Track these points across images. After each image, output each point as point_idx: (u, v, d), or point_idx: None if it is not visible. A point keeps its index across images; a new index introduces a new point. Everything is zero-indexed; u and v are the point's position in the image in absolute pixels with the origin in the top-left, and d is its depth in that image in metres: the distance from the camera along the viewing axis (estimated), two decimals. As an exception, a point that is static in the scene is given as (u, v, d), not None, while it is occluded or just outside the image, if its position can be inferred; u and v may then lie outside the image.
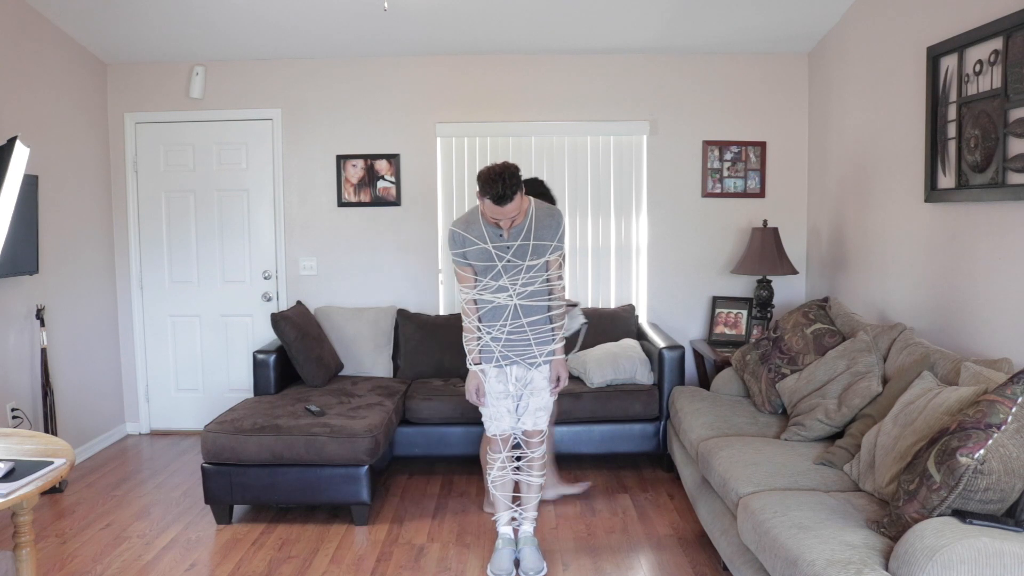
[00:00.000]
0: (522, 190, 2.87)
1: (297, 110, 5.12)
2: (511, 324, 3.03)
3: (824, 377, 3.39)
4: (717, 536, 2.96)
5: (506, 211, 2.84)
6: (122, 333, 5.25)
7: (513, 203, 2.82)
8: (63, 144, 4.63)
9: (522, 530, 3.26)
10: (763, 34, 4.75)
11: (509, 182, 2.79)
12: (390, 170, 5.11)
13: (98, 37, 4.73)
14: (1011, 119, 2.94)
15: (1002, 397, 2.16)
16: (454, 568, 3.26)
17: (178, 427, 5.33)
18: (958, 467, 2.08)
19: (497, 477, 3.21)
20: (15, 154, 2.62)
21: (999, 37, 2.99)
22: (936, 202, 3.49)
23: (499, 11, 4.43)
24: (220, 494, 3.66)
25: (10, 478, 2.24)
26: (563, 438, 4.25)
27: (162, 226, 5.21)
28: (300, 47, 4.91)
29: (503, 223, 2.89)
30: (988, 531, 1.97)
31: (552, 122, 5.05)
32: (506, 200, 2.80)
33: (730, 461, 2.98)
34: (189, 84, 5.06)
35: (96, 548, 3.47)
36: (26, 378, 4.26)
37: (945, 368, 2.88)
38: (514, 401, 3.13)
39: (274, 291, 5.21)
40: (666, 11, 4.44)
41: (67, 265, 4.66)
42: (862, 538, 2.21)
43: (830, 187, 4.75)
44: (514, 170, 2.83)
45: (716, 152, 5.10)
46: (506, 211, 2.84)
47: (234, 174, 5.18)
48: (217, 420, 3.75)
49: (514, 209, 2.84)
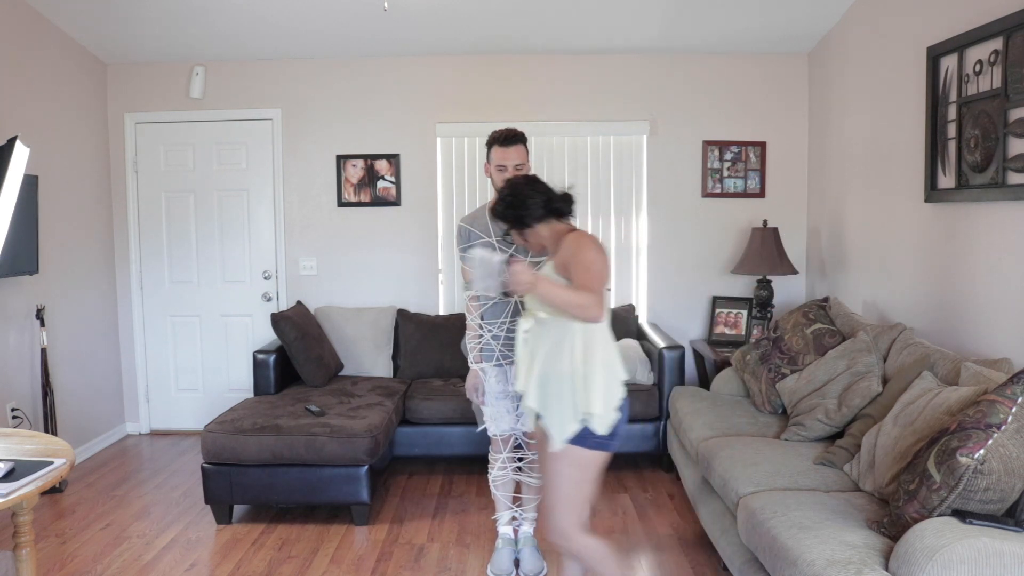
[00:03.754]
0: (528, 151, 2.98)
1: (297, 110, 5.12)
2: (512, 322, 3.03)
3: (824, 377, 3.38)
4: (717, 536, 2.96)
5: (511, 155, 2.93)
6: (122, 333, 5.25)
7: (517, 149, 2.94)
8: (63, 144, 4.63)
9: (522, 530, 3.26)
10: (763, 34, 4.75)
11: (518, 133, 2.97)
12: (390, 170, 5.11)
13: (98, 37, 4.73)
14: (1011, 119, 2.94)
15: (1002, 397, 2.16)
16: (454, 568, 3.26)
17: (178, 427, 5.33)
18: (958, 467, 2.08)
19: (498, 477, 3.21)
20: (15, 154, 2.62)
21: (999, 37, 2.99)
22: (936, 202, 3.49)
23: (499, 11, 4.43)
24: (220, 494, 3.66)
25: (10, 478, 2.24)
26: (563, 438, 4.24)
27: (162, 226, 5.21)
28: (300, 47, 4.91)
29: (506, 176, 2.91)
30: (988, 531, 1.97)
31: (552, 122, 5.05)
32: (511, 142, 2.93)
33: (730, 461, 2.98)
34: (189, 84, 5.06)
35: (96, 548, 3.47)
36: (26, 378, 4.26)
37: (945, 368, 2.88)
38: (514, 401, 3.13)
39: (274, 291, 5.21)
40: (666, 11, 4.44)
41: (67, 265, 4.66)
42: (862, 538, 2.21)
43: (830, 187, 4.75)
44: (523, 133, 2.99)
45: (716, 152, 5.10)
46: (511, 155, 2.93)
47: (234, 174, 5.18)
48: (217, 420, 3.75)
49: (518, 156, 2.94)
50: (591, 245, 2.32)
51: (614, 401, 2.32)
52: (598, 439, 2.32)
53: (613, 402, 2.32)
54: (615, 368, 2.36)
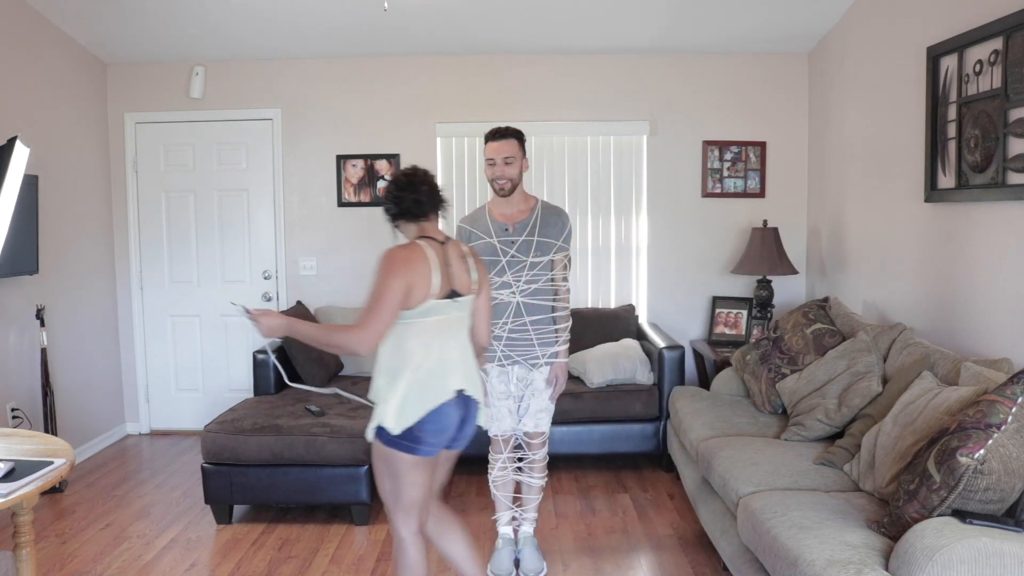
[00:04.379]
0: (522, 148, 3.02)
1: (297, 110, 5.11)
2: (513, 322, 3.03)
3: (824, 377, 3.38)
4: (717, 536, 2.96)
5: (499, 148, 2.98)
6: (122, 333, 5.25)
7: (506, 143, 2.97)
8: (63, 144, 4.63)
9: (522, 530, 3.26)
10: (763, 34, 4.74)
11: (515, 130, 3.03)
12: (390, 170, 5.11)
13: (98, 37, 4.73)
14: (1011, 119, 2.94)
15: (1002, 397, 2.16)
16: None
17: (178, 427, 5.32)
18: (958, 467, 2.08)
19: (498, 477, 3.21)
20: (15, 154, 2.62)
21: (999, 37, 2.98)
22: (936, 202, 3.49)
23: (499, 11, 4.43)
24: (220, 494, 3.66)
25: (10, 478, 2.24)
26: (563, 438, 4.25)
27: (162, 226, 5.20)
28: (300, 47, 4.90)
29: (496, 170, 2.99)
30: (988, 531, 1.96)
31: (552, 122, 5.05)
32: (501, 136, 2.98)
33: (730, 461, 2.98)
34: (189, 84, 5.06)
35: (96, 548, 3.47)
36: (26, 378, 4.26)
37: (945, 368, 2.88)
38: (515, 402, 3.13)
39: (274, 291, 5.21)
40: (666, 11, 4.44)
41: (67, 265, 4.66)
42: (862, 538, 2.21)
43: (830, 187, 4.75)
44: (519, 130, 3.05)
45: (716, 152, 5.10)
46: (499, 148, 2.98)
47: (234, 174, 5.18)
48: (217, 420, 3.75)
49: (507, 149, 2.97)
50: (384, 266, 2.29)
51: (409, 408, 2.29)
52: (392, 438, 2.31)
53: (407, 408, 2.29)
54: (416, 377, 2.31)
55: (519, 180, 3.04)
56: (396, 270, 2.28)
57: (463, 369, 2.40)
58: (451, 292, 2.39)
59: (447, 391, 2.34)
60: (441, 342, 2.36)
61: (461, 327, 2.46)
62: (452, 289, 2.39)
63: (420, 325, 2.33)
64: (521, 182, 3.06)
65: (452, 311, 2.40)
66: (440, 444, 2.38)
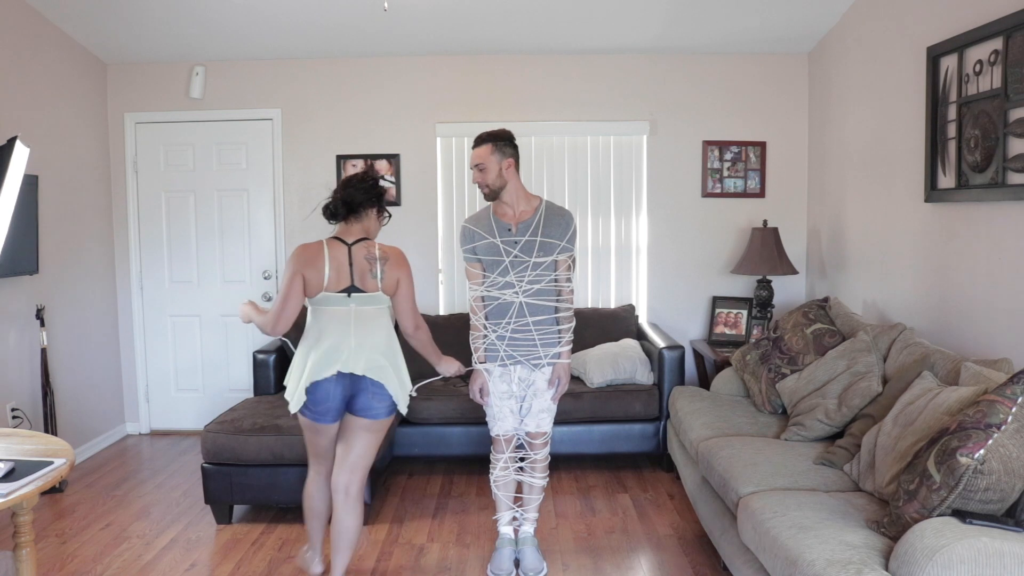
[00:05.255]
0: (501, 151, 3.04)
1: (297, 110, 5.11)
2: (516, 322, 3.03)
3: (824, 377, 3.39)
4: (717, 536, 2.96)
5: (473, 155, 3.04)
6: (122, 333, 5.25)
7: (480, 149, 3.02)
8: (63, 144, 4.63)
9: (522, 530, 3.26)
10: (763, 34, 4.75)
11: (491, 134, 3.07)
12: (390, 170, 5.11)
13: (98, 37, 4.73)
14: (1011, 119, 2.94)
15: (1002, 397, 2.16)
16: (454, 568, 3.26)
17: (178, 427, 5.32)
18: (958, 467, 2.08)
19: (500, 477, 3.21)
20: (15, 154, 2.61)
21: (999, 37, 2.99)
22: (936, 202, 3.49)
23: (499, 11, 4.43)
24: (220, 494, 3.66)
25: (10, 478, 2.24)
26: (563, 438, 4.25)
27: (162, 226, 5.21)
28: (300, 47, 4.91)
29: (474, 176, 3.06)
30: (988, 531, 1.97)
31: (552, 122, 5.05)
32: (475, 143, 3.05)
33: (730, 461, 2.98)
34: (189, 84, 5.06)
35: (96, 548, 3.47)
36: (26, 378, 4.26)
37: (945, 368, 2.88)
38: (517, 402, 3.13)
39: (274, 291, 5.21)
40: (666, 11, 4.44)
41: (67, 265, 4.66)
42: (862, 538, 2.21)
43: (830, 187, 4.75)
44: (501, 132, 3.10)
45: (716, 152, 5.10)
46: (473, 155, 3.04)
47: (234, 174, 5.18)
48: (217, 420, 3.75)
49: (478, 156, 3.02)
50: (289, 259, 2.84)
51: (294, 381, 2.81)
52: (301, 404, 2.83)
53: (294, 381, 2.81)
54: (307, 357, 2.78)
55: (498, 184, 3.02)
56: (290, 262, 2.81)
57: (357, 353, 2.76)
58: (351, 288, 2.79)
59: (328, 370, 2.74)
60: (336, 328, 2.77)
61: (368, 318, 2.82)
62: (353, 285, 2.79)
63: (317, 312, 2.82)
64: (512, 183, 3.04)
65: (350, 304, 2.79)
66: (325, 413, 2.80)
